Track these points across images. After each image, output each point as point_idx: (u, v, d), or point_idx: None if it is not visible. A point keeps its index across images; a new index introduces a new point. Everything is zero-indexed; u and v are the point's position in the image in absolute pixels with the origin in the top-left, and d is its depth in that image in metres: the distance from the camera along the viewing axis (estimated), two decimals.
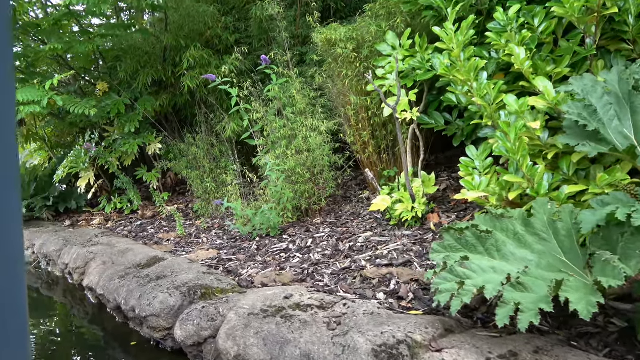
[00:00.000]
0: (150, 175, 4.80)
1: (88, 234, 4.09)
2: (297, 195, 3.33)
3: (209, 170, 4.32)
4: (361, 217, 3.19)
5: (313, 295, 2.02)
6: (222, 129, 4.15)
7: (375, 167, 3.50)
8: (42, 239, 4.20)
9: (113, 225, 4.70)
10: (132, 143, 4.50)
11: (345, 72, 3.20)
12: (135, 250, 3.25)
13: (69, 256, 3.53)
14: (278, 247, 2.98)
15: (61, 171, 4.77)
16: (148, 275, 2.60)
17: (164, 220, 4.49)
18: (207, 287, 2.31)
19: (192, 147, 4.28)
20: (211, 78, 3.24)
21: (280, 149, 3.36)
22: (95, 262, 3.15)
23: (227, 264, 2.84)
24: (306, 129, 3.25)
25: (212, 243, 3.46)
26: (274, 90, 3.30)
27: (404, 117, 2.64)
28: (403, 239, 2.63)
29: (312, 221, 3.35)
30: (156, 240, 3.81)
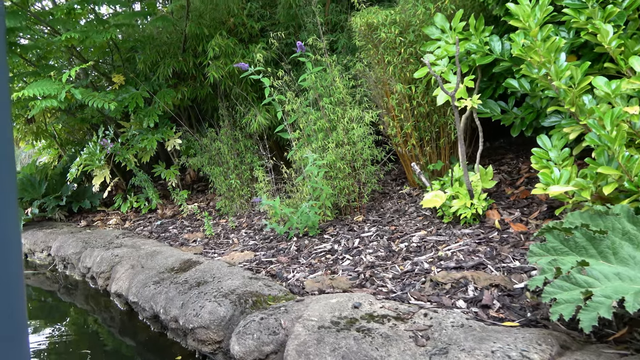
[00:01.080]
0: (168, 172, 4.57)
1: (108, 235, 3.87)
2: (336, 192, 3.11)
3: (233, 167, 4.10)
4: (407, 215, 2.96)
5: (384, 304, 1.80)
6: (247, 123, 3.92)
7: (417, 161, 3.28)
8: (58, 240, 3.98)
9: (131, 225, 4.47)
10: (150, 139, 4.27)
11: (388, 59, 2.97)
12: (164, 253, 3.03)
13: (90, 259, 3.30)
14: (321, 248, 2.76)
15: (75, 169, 4.54)
16: (187, 281, 2.38)
17: (186, 220, 4.27)
18: (257, 295, 2.09)
19: (215, 142, 4.05)
20: (243, 67, 3.01)
21: (316, 142, 3.14)
22: (122, 266, 2.92)
23: (269, 267, 2.62)
24: (346, 120, 3.02)
25: (244, 244, 3.24)
26: (310, 79, 3.07)
27: (463, 105, 2.42)
28: (464, 238, 2.41)
29: (353, 219, 3.13)
30: (182, 241, 3.59)
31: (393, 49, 2.98)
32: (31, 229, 4.60)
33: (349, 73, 3.15)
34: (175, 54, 4.00)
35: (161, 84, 4.15)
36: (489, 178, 2.65)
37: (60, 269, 3.97)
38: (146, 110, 4.16)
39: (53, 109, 5.35)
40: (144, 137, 4.28)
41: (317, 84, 3.09)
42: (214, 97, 4.32)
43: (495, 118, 2.69)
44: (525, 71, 2.13)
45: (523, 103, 2.72)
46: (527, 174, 2.98)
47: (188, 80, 4.21)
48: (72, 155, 5.42)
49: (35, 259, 4.47)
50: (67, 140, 5.65)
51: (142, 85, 4.11)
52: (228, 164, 4.10)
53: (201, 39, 3.85)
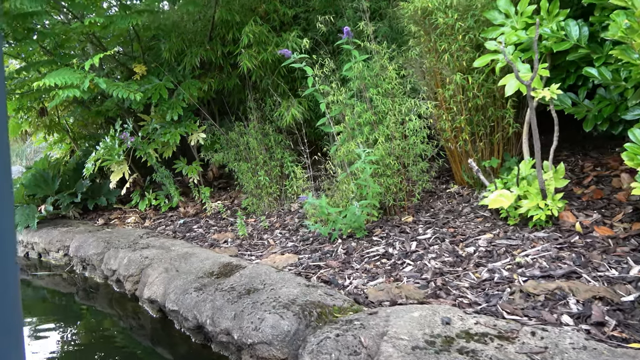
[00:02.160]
0: (190, 168, 4.34)
1: (130, 234, 3.63)
2: (382, 190, 2.88)
3: (262, 162, 3.86)
4: (464, 216, 2.74)
5: (478, 319, 1.57)
6: (278, 116, 3.68)
7: (467, 157, 3.05)
8: (77, 240, 3.74)
9: (151, 224, 4.24)
10: (173, 132, 4.03)
11: (443, 46, 2.73)
12: (198, 255, 2.80)
13: (116, 261, 3.07)
14: (373, 251, 2.53)
15: (91, 164, 4.30)
16: (234, 288, 2.15)
17: (211, 219, 4.03)
18: (321, 305, 1.86)
19: (243, 136, 3.82)
20: (287, 54, 2.77)
21: (361, 136, 2.90)
22: (154, 270, 2.69)
23: (319, 272, 2.39)
24: (396, 112, 2.78)
25: (282, 245, 3.00)
26: (357, 67, 2.83)
27: (540, 96, 2.18)
28: (540, 242, 2.18)
29: (401, 220, 2.90)
30: (211, 242, 3.35)
31: (449, 35, 2.74)
32: (45, 227, 4.36)
33: (393, 63, 2.91)
34: (202, 43, 3.75)
35: (186, 75, 3.91)
36: (560, 176, 2.42)
37: (78, 270, 3.74)
38: (169, 102, 3.92)
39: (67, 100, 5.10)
40: (166, 130, 4.04)
41: (364, 73, 2.85)
42: (240, 89, 4.08)
43: (567, 111, 2.46)
44: (622, 55, 1.89)
45: (595, 95, 2.49)
46: (594, 173, 2.75)
47: (214, 71, 3.96)
48: (85, 150, 5.18)
49: (49, 259, 4.24)
50: (79, 135, 5.40)
51: (166, 76, 3.86)
52: (256, 160, 3.87)
53: (231, 27, 3.60)
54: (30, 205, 4.56)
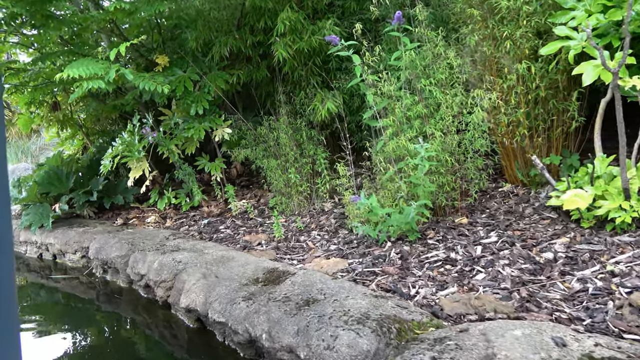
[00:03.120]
0: (213, 165, 4.11)
1: (155, 235, 3.41)
2: (434, 189, 2.66)
3: (292, 159, 3.64)
4: (527, 217, 2.52)
5: (597, 340, 1.36)
6: (312, 110, 3.46)
7: (524, 153, 2.83)
8: (97, 241, 3.51)
9: (173, 224, 4.02)
10: (197, 127, 3.80)
11: (506, 32, 2.51)
12: (236, 259, 2.58)
13: (144, 265, 2.85)
14: (432, 256, 2.31)
15: (108, 161, 4.07)
16: (288, 298, 1.93)
17: (237, 219, 3.81)
18: (398, 320, 1.64)
19: (273, 131, 3.59)
20: (334, 41, 2.55)
21: (410, 131, 2.68)
22: (190, 275, 2.47)
23: (376, 279, 2.17)
24: (453, 104, 2.56)
25: (325, 248, 2.79)
26: (409, 56, 2.61)
27: (629, 85, 1.96)
28: (628, 248, 1.96)
29: (455, 221, 2.69)
30: (243, 244, 3.13)
31: (511, 20, 2.52)
32: (60, 227, 4.14)
33: (450, 50, 2.69)
34: (228, 32, 3.52)
35: (211, 66, 3.68)
36: None
37: (98, 274, 3.51)
38: (194, 95, 3.69)
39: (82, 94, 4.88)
40: (189, 125, 3.81)
41: (416, 62, 2.62)
42: (268, 82, 3.85)
43: None
44: None
45: None
46: None
47: (242, 62, 3.73)
48: (100, 146, 4.95)
49: (65, 260, 4.01)
50: (92, 130, 5.17)
51: (190, 67, 3.63)
52: (287, 157, 3.64)
53: (262, 14, 3.37)
54: (43, 204, 4.34)
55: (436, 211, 2.83)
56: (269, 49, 3.67)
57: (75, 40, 3.68)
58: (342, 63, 3.50)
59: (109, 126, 5.60)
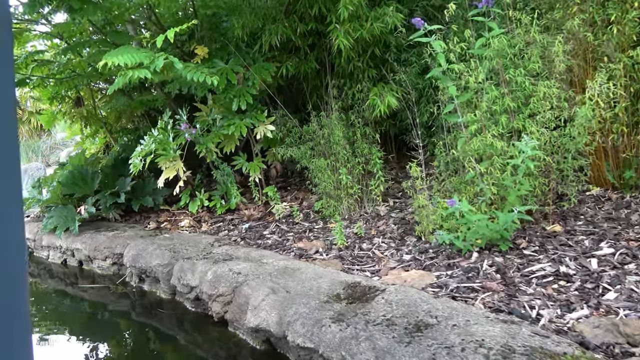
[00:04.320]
0: (252, 165, 3.82)
1: (198, 241, 3.12)
2: (527, 193, 2.36)
3: (343, 159, 3.34)
4: (637, 225, 2.22)
5: None
6: (369, 106, 3.17)
7: (617, 153, 2.54)
8: (132, 247, 3.22)
9: (210, 228, 3.72)
10: (238, 124, 3.51)
11: (614, 16, 2.22)
12: (303, 271, 2.28)
13: (194, 276, 2.55)
14: (537, 269, 2.02)
15: (138, 160, 3.78)
16: (391, 321, 1.64)
17: (281, 223, 3.52)
18: (549, 354, 1.34)
19: (324, 128, 3.30)
20: (418, 24, 2.25)
21: (496, 127, 2.39)
22: (254, 289, 2.17)
23: (480, 297, 1.88)
24: (552, 97, 2.27)
25: (397, 258, 2.49)
26: (496, 43, 2.32)
27: None
28: None
29: (547, 229, 2.39)
30: (298, 252, 2.84)
31: (618, 3, 2.22)
32: (87, 230, 3.84)
33: (550, 37, 2.40)
34: (277, 20, 3.23)
35: (255, 57, 3.39)
36: None
37: (134, 283, 3.22)
38: (236, 89, 3.40)
39: None
40: (230, 121, 3.52)
41: (504, 50, 2.33)
42: (315, 75, 3.56)
43: None
44: None
45: None
46: None
47: (290, 53, 3.44)
48: (124, 144, 4.66)
49: (93, 267, 3.72)
50: (115, 128, 4.88)
51: (233, 58, 3.34)
52: (337, 156, 3.35)
53: (314, 0, 3.08)
54: (67, 206, 4.05)
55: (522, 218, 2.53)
56: (318, 39, 3.39)
57: (108, 28, 3.38)
58: (401, 54, 3.21)
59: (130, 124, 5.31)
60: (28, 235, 4.39)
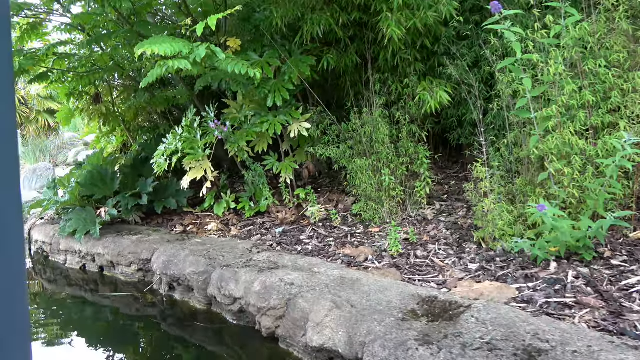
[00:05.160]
0: (283, 165, 3.60)
1: (233, 247, 2.89)
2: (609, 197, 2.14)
3: (386, 159, 3.12)
4: None
5: None
6: (418, 101, 2.95)
7: None
8: (162, 253, 3.00)
9: (239, 232, 3.50)
10: (271, 121, 3.29)
11: None
12: (363, 282, 2.06)
13: (238, 286, 2.33)
14: (637, 283, 1.79)
15: (163, 159, 3.56)
16: (492, 345, 1.41)
17: (318, 227, 3.29)
18: None
19: (366, 126, 3.08)
20: (495, 8, 2.03)
21: (572, 123, 2.17)
22: (311, 303, 1.95)
23: (579, 314, 1.65)
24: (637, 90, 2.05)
25: (461, 267, 2.27)
26: (578, 30, 2.09)
27: None
28: None
29: (630, 236, 2.17)
30: (346, 260, 2.62)
31: None
32: (108, 234, 3.62)
33: None
34: (316, 9, 3.01)
35: (292, 50, 3.17)
36: None
37: (163, 291, 2.99)
38: (270, 84, 3.18)
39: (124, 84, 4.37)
40: (263, 119, 3.30)
41: (585, 38, 2.11)
42: (354, 69, 3.33)
43: None
44: None
45: None
46: None
47: (329, 45, 3.22)
48: (144, 143, 4.43)
49: (116, 273, 3.49)
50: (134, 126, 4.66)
51: (269, 51, 3.12)
52: (379, 155, 3.13)
53: None
54: (86, 208, 3.82)
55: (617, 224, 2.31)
56: (359, 30, 3.17)
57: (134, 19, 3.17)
58: (451, 46, 2.99)
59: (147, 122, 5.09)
60: (44, 238, 4.17)
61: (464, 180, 3.60)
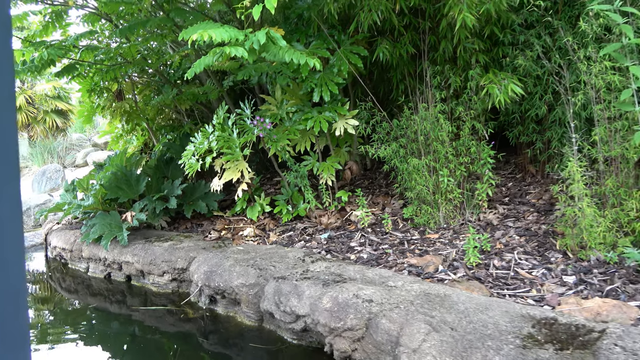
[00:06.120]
0: (324, 165, 3.34)
1: (282, 255, 2.63)
2: None
3: (444, 159, 2.86)
4: None
5: None
6: (483, 96, 2.69)
7: None
8: (203, 263, 2.73)
9: (279, 238, 3.23)
10: (316, 118, 3.03)
11: None
12: (455, 299, 1.80)
13: (301, 301, 2.06)
14: None
15: (194, 160, 3.30)
16: None
17: (369, 233, 3.03)
18: None
19: (424, 122, 2.81)
20: None
21: None
22: (401, 324, 1.69)
23: None
24: None
25: (556, 281, 2.00)
26: None
27: None
28: None
29: None
30: (414, 270, 2.35)
31: None
32: (136, 241, 3.35)
33: None
34: None
35: (341, 40, 2.91)
36: None
37: (203, 304, 2.73)
38: (317, 77, 2.92)
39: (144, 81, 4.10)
40: (307, 115, 3.04)
41: None
42: (406, 61, 3.07)
43: None
44: None
45: None
46: None
47: (380, 35, 2.95)
48: (169, 142, 4.17)
49: (146, 283, 3.22)
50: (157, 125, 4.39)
51: (316, 41, 2.85)
52: (436, 155, 2.87)
53: None
54: (111, 213, 3.55)
55: None
56: (415, 18, 2.91)
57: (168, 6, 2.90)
58: (519, 35, 2.73)
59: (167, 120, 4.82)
60: (63, 245, 3.90)
61: (522, 182, 3.34)
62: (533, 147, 3.07)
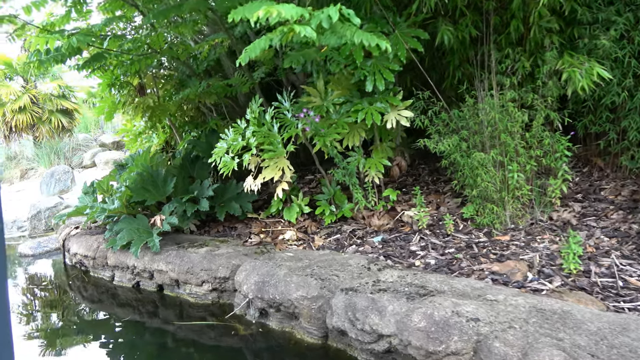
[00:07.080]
0: (371, 161, 3.06)
1: (344, 263, 2.35)
2: None
3: (514, 152, 2.59)
4: None
5: None
6: (561, 82, 2.41)
7: None
8: (252, 272, 2.45)
9: (325, 242, 2.96)
10: (367, 109, 2.75)
11: None
12: (577, 316, 1.53)
13: (384, 318, 1.79)
14: None
15: (229, 158, 3.02)
16: None
17: (428, 235, 2.75)
18: None
19: (492, 112, 2.54)
20: None
21: None
22: (520, 350, 1.41)
23: None
24: None
25: None
26: None
27: None
28: None
29: None
30: (492, 277, 2.08)
31: None
32: (167, 247, 3.07)
33: None
34: None
35: (397, 22, 2.62)
36: None
37: (252, 318, 2.45)
38: (370, 64, 2.64)
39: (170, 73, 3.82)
40: (357, 106, 2.76)
41: None
42: (466, 46, 2.79)
43: None
44: None
45: None
46: None
47: (442, 16, 2.67)
48: (194, 140, 3.88)
49: (181, 293, 2.95)
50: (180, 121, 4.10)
51: (368, 24, 2.57)
52: (505, 148, 2.59)
53: None
54: (138, 217, 3.27)
55: None
56: None
57: None
58: (597, 13, 2.45)
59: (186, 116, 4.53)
60: (84, 251, 3.61)
61: (590, 177, 3.06)
62: (606, 138, 2.80)
